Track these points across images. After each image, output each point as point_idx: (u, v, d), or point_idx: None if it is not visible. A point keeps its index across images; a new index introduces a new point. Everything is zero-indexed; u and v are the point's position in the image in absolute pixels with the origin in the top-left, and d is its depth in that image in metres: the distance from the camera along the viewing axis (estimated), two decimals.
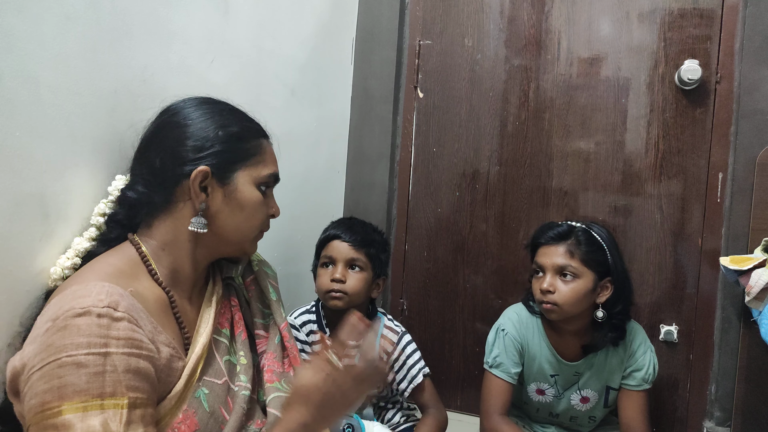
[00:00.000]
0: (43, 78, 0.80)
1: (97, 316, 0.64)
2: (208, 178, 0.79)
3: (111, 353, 0.63)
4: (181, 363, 0.75)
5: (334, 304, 1.27)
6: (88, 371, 0.62)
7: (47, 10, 0.80)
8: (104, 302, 0.66)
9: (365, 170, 1.88)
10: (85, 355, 0.62)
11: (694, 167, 1.62)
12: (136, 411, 0.64)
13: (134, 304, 0.70)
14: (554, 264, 1.28)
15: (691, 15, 1.61)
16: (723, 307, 1.58)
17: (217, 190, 0.81)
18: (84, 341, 0.63)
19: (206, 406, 0.76)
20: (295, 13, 1.54)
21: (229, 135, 0.82)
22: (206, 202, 0.80)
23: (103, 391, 0.62)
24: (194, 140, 0.80)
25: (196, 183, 0.78)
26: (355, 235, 1.31)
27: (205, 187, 0.80)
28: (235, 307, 0.92)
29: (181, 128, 0.81)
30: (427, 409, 1.33)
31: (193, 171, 0.78)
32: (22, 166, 0.77)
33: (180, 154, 0.80)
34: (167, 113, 0.84)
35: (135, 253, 0.79)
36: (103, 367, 0.62)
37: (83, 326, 0.63)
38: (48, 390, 0.61)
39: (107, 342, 0.64)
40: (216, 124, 0.82)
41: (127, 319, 0.67)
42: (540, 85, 1.75)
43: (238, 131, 0.83)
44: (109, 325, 0.65)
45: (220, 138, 0.81)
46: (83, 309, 0.64)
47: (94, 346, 0.63)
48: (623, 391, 1.36)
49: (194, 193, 0.79)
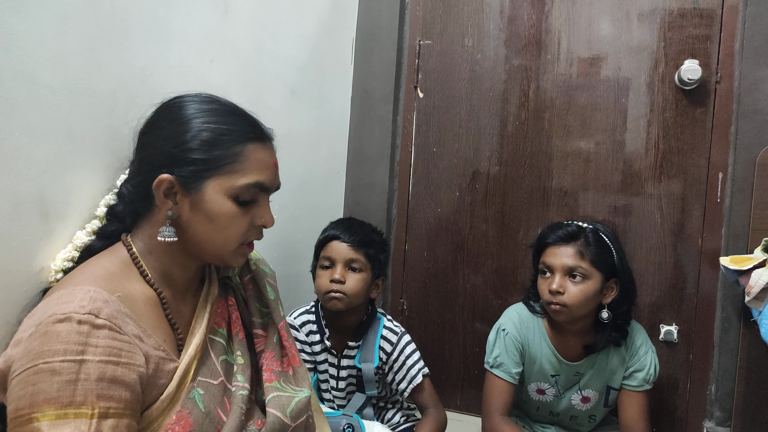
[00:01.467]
0: (42, 78, 0.80)
1: (77, 323, 0.64)
2: (175, 186, 0.76)
3: (86, 361, 0.63)
4: (173, 365, 0.74)
5: (333, 304, 1.27)
6: (60, 379, 0.61)
7: (46, 9, 0.80)
8: (86, 308, 0.65)
9: (365, 170, 1.88)
10: (60, 362, 0.62)
11: (694, 167, 1.62)
12: (107, 421, 0.63)
13: (120, 310, 0.69)
14: (564, 265, 1.27)
15: (691, 15, 1.61)
16: (723, 307, 1.58)
17: (185, 200, 0.77)
18: (61, 348, 0.62)
19: (201, 407, 0.75)
20: (295, 13, 1.54)
21: (200, 141, 0.76)
22: (174, 210, 0.77)
23: (73, 400, 0.61)
24: (167, 146, 0.77)
25: (159, 191, 0.76)
26: (354, 236, 1.30)
27: (174, 193, 0.77)
28: (232, 306, 0.92)
29: (159, 131, 0.79)
30: (427, 409, 1.33)
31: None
32: (21, 166, 0.77)
33: (152, 158, 0.78)
34: (158, 112, 0.82)
35: (126, 254, 0.79)
36: (76, 375, 0.62)
37: (63, 333, 0.63)
38: (22, 396, 0.61)
39: (84, 349, 0.63)
40: (192, 129, 0.76)
41: (108, 326, 0.66)
42: (540, 85, 1.75)
43: (211, 137, 0.76)
44: (89, 332, 0.64)
45: (189, 145, 0.76)
46: (64, 315, 0.64)
47: (70, 353, 0.62)
48: (624, 392, 1.35)
49: (159, 201, 0.77)
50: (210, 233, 0.78)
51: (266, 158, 0.81)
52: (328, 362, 1.35)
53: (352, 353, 1.34)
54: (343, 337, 1.35)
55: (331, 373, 1.35)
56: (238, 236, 0.80)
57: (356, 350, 1.34)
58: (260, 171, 0.79)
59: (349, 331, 1.35)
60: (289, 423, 0.84)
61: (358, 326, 1.34)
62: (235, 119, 0.80)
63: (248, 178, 0.78)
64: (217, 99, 0.83)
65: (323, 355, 1.35)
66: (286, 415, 0.84)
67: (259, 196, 0.81)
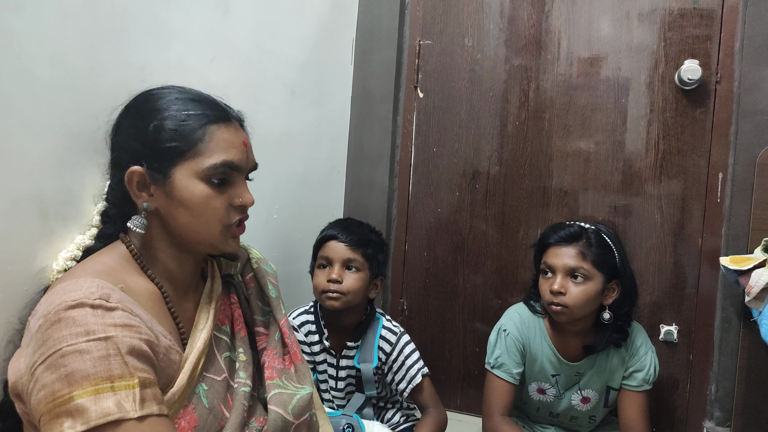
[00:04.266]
0: (42, 76, 0.79)
1: (90, 307, 0.64)
2: (146, 178, 0.76)
3: (111, 337, 0.63)
4: (178, 357, 0.74)
5: (330, 304, 1.27)
6: (92, 356, 0.61)
7: (46, 8, 0.80)
8: (96, 294, 0.65)
9: (365, 170, 1.88)
10: (86, 342, 0.62)
11: (694, 167, 1.62)
12: (147, 390, 0.64)
13: (126, 298, 0.70)
14: (566, 265, 1.27)
15: (691, 15, 1.61)
16: (723, 307, 1.58)
17: (158, 190, 0.77)
18: (82, 330, 0.62)
19: (205, 403, 0.76)
20: (295, 13, 1.54)
21: (160, 129, 0.76)
22: (150, 202, 0.78)
23: (112, 374, 0.61)
24: (131, 141, 0.78)
25: (132, 185, 0.77)
26: (351, 236, 1.30)
27: (148, 186, 0.77)
28: (234, 304, 0.92)
29: (124, 129, 0.80)
30: (427, 409, 1.33)
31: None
32: (20, 165, 0.77)
33: (121, 157, 0.78)
34: (121, 112, 0.82)
35: (126, 250, 0.79)
36: (106, 351, 0.62)
37: (78, 317, 0.63)
38: (56, 379, 0.60)
39: (105, 329, 0.63)
40: (152, 121, 0.77)
41: (120, 308, 0.67)
42: (540, 85, 1.75)
43: (172, 125, 0.76)
44: (104, 315, 0.64)
45: (152, 135, 0.76)
46: (75, 301, 0.64)
47: (93, 333, 0.62)
48: (624, 392, 1.35)
49: (134, 195, 0.77)
50: (189, 219, 0.78)
51: (231, 138, 0.81)
52: (326, 362, 1.35)
53: (351, 353, 1.34)
54: (342, 337, 1.34)
55: (330, 374, 1.35)
56: (217, 218, 0.79)
57: (355, 350, 1.34)
58: (226, 150, 0.79)
59: (348, 332, 1.34)
60: (291, 420, 0.84)
61: (357, 326, 1.34)
62: (196, 105, 0.80)
63: (214, 158, 0.78)
64: (179, 88, 0.82)
65: (322, 356, 1.35)
66: (288, 412, 0.84)
67: (232, 177, 0.81)
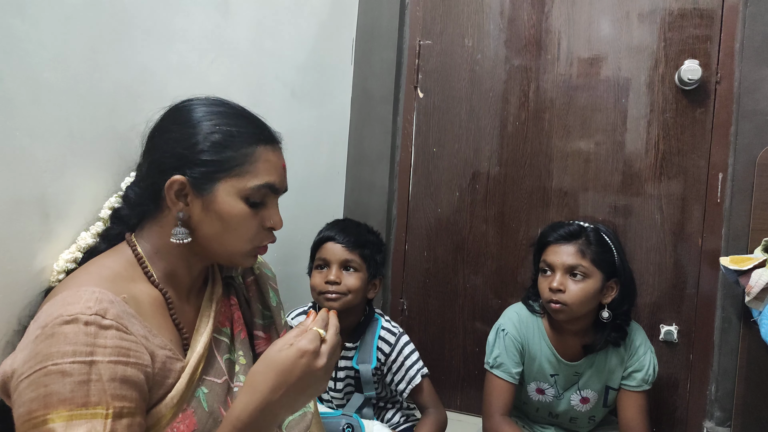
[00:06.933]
0: (43, 78, 0.80)
1: (84, 324, 0.64)
2: (186, 187, 0.76)
3: (97, 362, 0.63)
4: (179, 364, 0.74)
5: (328, 305, 1.27)
6: (72, 380, 0.61)
7: (47, 10, 0.80)
8: (92, 309, 0.65)
9: (365, 171, 1.88)
10: (70, 363, 0.62)
11: (694, 167, 1.62)
12: (122, 420, 0.63)
13: (125, 311, 0.69)
14: (564, 263, 1.28)
15: (691, 15, 1.61)
16: (723, 307, 1.58)
17: (196, 201, 0.77)
18: (70, 349, 0.62)
19: (205, 406, 0.76)
20: (295, 13, 1.54)
21: (210, 143, 0.77)
22: (185, 211, 0.78)
23: (88, 401, 0.61)
24: (178, 147, 0.78)
25: (171, 192, 0.76)
26: (348, 237, 1.31)
27: (185, 195, 0.77)
28: (234, 305, 0.92)
29: (169, 134, 0.80)
30: (427, 410, 1.33)
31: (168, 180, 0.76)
32: (22, 166, 0.77)
33: (162, 161, 0.78)
34: (166, 115, 0.83)
35: (131, 254, 0.79)
36: (88, 376, 0.62)
37: (70, 334, 0.63)
38: (34, 398, 0.61)
39: (93, 350, 0.63)
40: (202, 131, 0.77)
41: (115, 327, 0.66)
42: (540, 85, 1.75)
43: (221, 139, 0.77)
44: (96, 333, 0.64)
45: (200, 147, 0.77)
46: (71, 316, 0.64)
47: (80, 355, 0.62)
48: (623, 392, 1.36)
49: (170, 202, 0.77)
50: (221, 234, 0.79)
51: (275, 160, 0.82)
52: None
53: (350, 354, 1.34)
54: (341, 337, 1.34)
55: None
56: (247, 238, 0.80)
57: (353, 351, 1.34)
58: (270, 173, 0.80)
59: (346, 332, 1.34)
60: None
61: (356, 327, 1.34)
62: (245, 121, 0.81)
63: (259, 179, 0.79)
64: (226, 102, 0.84)
65: None
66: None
67: (268, 198, 0.82)
